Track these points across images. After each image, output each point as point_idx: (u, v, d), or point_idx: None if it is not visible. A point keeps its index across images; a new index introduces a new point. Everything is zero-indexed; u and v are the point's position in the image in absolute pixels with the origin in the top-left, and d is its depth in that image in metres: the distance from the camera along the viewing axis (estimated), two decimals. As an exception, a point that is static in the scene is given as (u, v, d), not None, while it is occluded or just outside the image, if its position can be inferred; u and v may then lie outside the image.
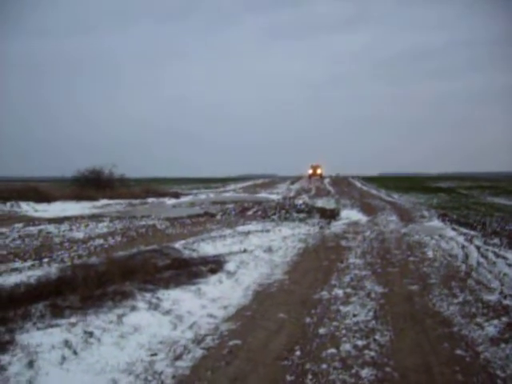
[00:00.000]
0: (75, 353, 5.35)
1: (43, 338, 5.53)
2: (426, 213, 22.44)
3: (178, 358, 5.52)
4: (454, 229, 16.29)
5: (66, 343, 5.49)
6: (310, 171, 77.88)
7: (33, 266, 10.12)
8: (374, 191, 44.37)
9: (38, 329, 5.86)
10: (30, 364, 4.95)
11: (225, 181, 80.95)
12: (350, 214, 21.83)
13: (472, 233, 15.07)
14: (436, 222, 18.71)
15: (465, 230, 15.66)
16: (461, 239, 13.86)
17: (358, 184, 61.90)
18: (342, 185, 57.11)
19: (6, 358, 5.00)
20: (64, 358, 5.19)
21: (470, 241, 13.42)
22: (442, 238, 14.38)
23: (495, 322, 6.62)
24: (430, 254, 11.97)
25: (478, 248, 12.22)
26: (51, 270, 9.10)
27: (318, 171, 78.03)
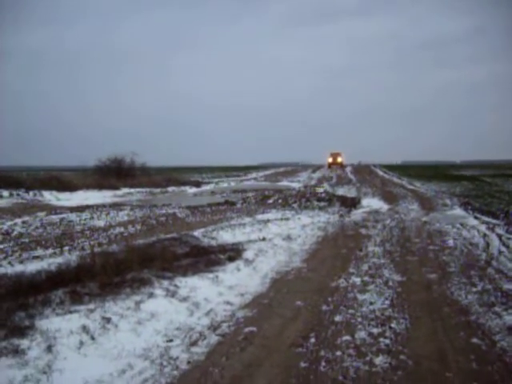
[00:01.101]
0: (93, 338, 5.44)
1: (62, 324, 5.63)
2: (448, 201, 22.21)
3: (194, 344, 5.58)
4: (476, 217, 16.10)
5: (84, 329, 5.59)
6: (330, 159, 71.43)
7: (54, 253, 10.27)
8: (395, 179, 44.01)
9: (57, 315, 5.96)
10: (49, 348, 5.05)
11: (247, 169, 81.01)
12: (371, 203, 21.72)
13: (494, 221, 14.88)
14: (458, 211, 18.51)
15: (487, 219, 15.47)
16: (482, 228, 13.71)
17: (380, 172, 61.46)
18: (364, 173, 56.73)
19: (25, 343, 5.10)
20: (82, 343, 5.28)
21: (492, 229, 13.26)
22: (464, 226, 14.23)
23: (514, 311, 6.55)
24: (451, 242, 11.86)
25: (499, 237, 12.08)
26: (71, 257, 9.23)
27: (339, 159, 71.11)
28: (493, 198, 23.66)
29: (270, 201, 22.16)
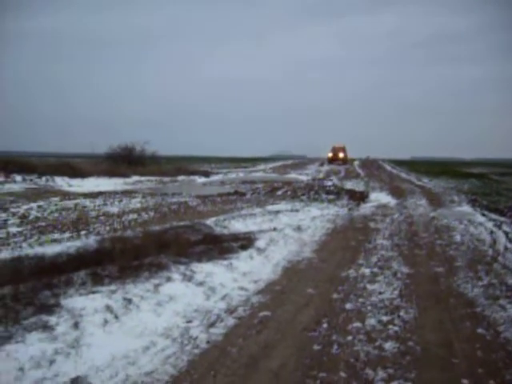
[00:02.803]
0: (116, 317, 5.73)
1: (86, 303, 5.92)
2: (455, 198, 22.36)
3: (212, 325, 5.87)
4: (483, 214, 16.27)
5: (108, 308, 5.87)
6: (330, 154, 61.92)
7: (71, 237, 10.57)
8: (404, 175, 44.13)
9: (81, 294, 6.25)
10: (76, 325, 5.34)
11: (254, 161, 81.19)
12: (379, 197, 21.90)
13: (502, 219, 15.05)
14: (465, 208, 18.67)
15: (494, 216, 15.65)
16: (490, 225, 13.90)
17: (388, 167, 61.55)
18: (372, 168, 56.87)
19: (53, 319, 5.39)
20: (106, 321, 5.57)
21: (499, 226, 13.45)
22: (471, 223, 14.43)
23: (518, 304, 6.79)
24: (458, 238, 12.07)
25: (506, 234, 12.27)
26: (89, 241, 9.51)
27: (340, 155, 61.32)
28: (500, 195, 23.80)
29: (279, 192, 22.39)
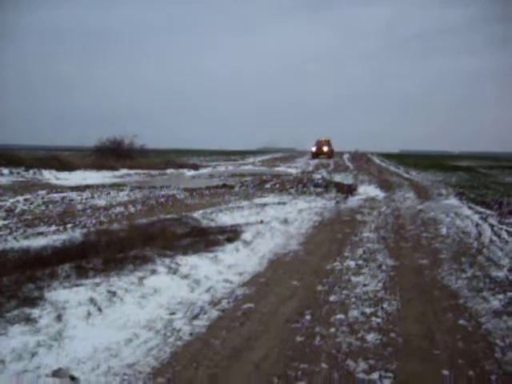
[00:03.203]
0: (100, 310, 5.73)
1: (70, 296, 5.92)
2: (443, 191, 22.49)
3: (195, 317, 5.88)
4: (470, 207, 16.38)
5: (91, 301, 5.87)
6: (314, 148, 58.59)
7: (57, 230, 10.53)
8: (392, 168, 44.30)
9: (65, 287, 6.25)
10: (59, 318, 5.34)
11: (244, 154, 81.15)
12: (368, 190, 21.98)
13: (488, 212, 15.15)
14: (453, 201, 18.78)
15: (481, 209, 15.75)
16: (476, 217, 13.99)
17: (377, 160, 61.75)
18: (361, 161, 57.04)
19: (36, 312, 5.39)
20: (89, 314, 5.57)
21: (485, 219, 13.54)
22: (458, 215, 14.52)
23: (500, 296, 6.84)
24: (444, 230, 12.15)
25: (491, 226, 12.36)
26: (75, 234, 9.51)
27: (325, 148, 58.06)
28: (488, 188, 23.95)
29: (268, 185, 22.40)
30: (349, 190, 20.92)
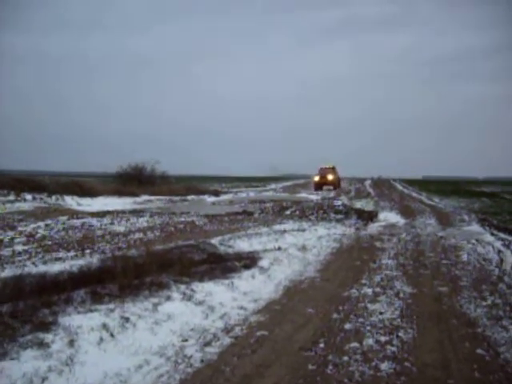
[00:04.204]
0: (112, 335, 5.73)
1: (83, 321, 5.93)
2: (465, 217, 22.24)
3: (208, 344, 5.85)
4: (492, 234, 16.15)
5: (104, 326, 5.88)
6: (317, 178, 49.40)
7: (75, 256, 10.63)
8: (415, 194, 43.98)
9: (79, 312, 6.27)
10: (71, 343, 5.35)
11: (266, 180, 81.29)
12: (388, 216, 21.83)
13: (510, 238, 14.91)
14: (475, 227, 18.55)
15: (503, 235, 15.51)
16: (498, 244, 13.77)
17: (399, 187, 61.40)
18: (383, 187, 56.80)
19: (49, 337, 5.41)
20: (102, 340, 5.57)
21: (508, 246, 13.32)
22: (479, 242, 14.31)
23: (521, 324, 6.70)
24: (465, 257, 11.97)
25: (514, 253, 12.15)
26: (92, 260, 9.57)
27: (329, 177, 48.80)
28: (511, 214, 23.61)
29: (288, 212, 22.40)
30: (369, 217, 20.80)
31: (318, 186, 48.04)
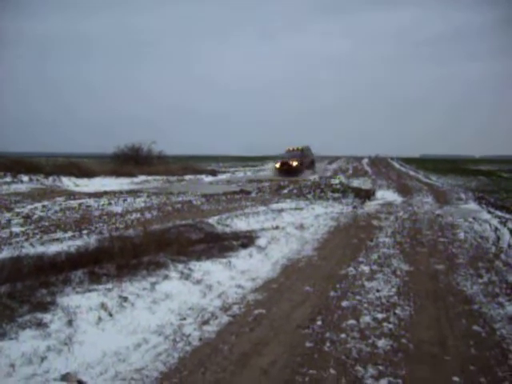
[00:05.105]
0: (110, 315, 5.75)
1: (82, 301, 5.95)
2: (462, 195, 22.26)
3: (206, 323, 5.88)
4: (489, 212, 16.18)
5: (103, 306, 5.90)
6: (278, 165, 40.10)
7: (73, 236, 10.62)
8: (412, 173, 43.99)
9: (77, 293, 6.28)
10: (70, 323, 5.37)
11: (264, 159, 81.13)
12: (386, 195, 21.87)
13: (507, 216, 14.95)
14: (472, 205, 18.59)
15: (500, 213, 15.55)
16: (495, 222, 13.81)
17: (397, 165, 61.38)
18: (380, 166, 56.77)
19: (47, 317, 5.43)
20: (100, 319, 5.59)
21: (504, 224, 13.35)
22: (476, 220, 14.35)
23: (517, 301, 6.74)
24: (462, 235, 12.01)
25: (511, 231, 12.18)
26: (90, 240, 9.57)
27: (293, 163, 38.87)
28: (508, 192, 23.65)
29: (285, 191, 22.39)
30: (366, 195, 20.81)
31: (280, 170, 39.01)
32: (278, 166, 39.89)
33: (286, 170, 38.51)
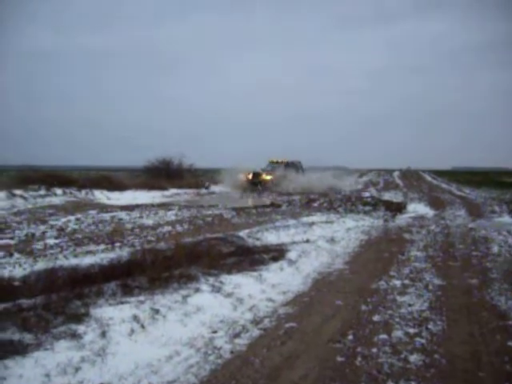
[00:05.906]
0: (143, 327, 5.82)
1: (114, 313, 6.05)
2: (496, 208, 21.90)
3: (237, 336, 5.90)
4: (524, 225, 15.88)
5: (135, 318, 5.98)
6: (250, 176, 35.12)
7: (106, 249, 10.77)
8: (444, 185, 43.44)
9: (110, 305, 6.39)
10: (103, 334, 5.46)
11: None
12: (417, 208, 21.61)
13: (543, 230, 14.66)
14: (506, 218, 18.27)
15: (535, 227, 15.24)
16: (530, 235, 13.55)
17: (429, 178, 60.68)
18: (412, 178, 56.20)
19: (81, 328, 5.53)
20: (133, 331, 5.67)
21: (540, 237, 13.10)
22: (510, 234, 14.09)
23: (554, 317, 6.60)
24: (495, 249, 11.81)
25: (546, 245, 11.95)
26: (122, 253, 9.69)
27: (266, 176, 35.04)
28: (544, 206, 23.14)
29: (316, 204, 22.33)
30: (398, 208, 20.62)
31: (250, 183, 34.53)
32: (249, 177, 34.99)
33: (257, 182, 34.48)
